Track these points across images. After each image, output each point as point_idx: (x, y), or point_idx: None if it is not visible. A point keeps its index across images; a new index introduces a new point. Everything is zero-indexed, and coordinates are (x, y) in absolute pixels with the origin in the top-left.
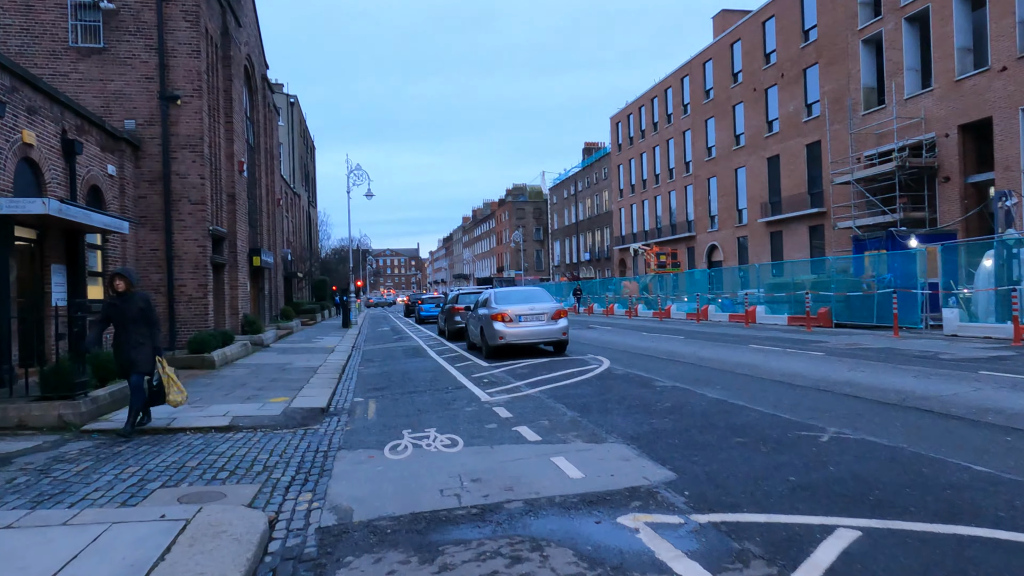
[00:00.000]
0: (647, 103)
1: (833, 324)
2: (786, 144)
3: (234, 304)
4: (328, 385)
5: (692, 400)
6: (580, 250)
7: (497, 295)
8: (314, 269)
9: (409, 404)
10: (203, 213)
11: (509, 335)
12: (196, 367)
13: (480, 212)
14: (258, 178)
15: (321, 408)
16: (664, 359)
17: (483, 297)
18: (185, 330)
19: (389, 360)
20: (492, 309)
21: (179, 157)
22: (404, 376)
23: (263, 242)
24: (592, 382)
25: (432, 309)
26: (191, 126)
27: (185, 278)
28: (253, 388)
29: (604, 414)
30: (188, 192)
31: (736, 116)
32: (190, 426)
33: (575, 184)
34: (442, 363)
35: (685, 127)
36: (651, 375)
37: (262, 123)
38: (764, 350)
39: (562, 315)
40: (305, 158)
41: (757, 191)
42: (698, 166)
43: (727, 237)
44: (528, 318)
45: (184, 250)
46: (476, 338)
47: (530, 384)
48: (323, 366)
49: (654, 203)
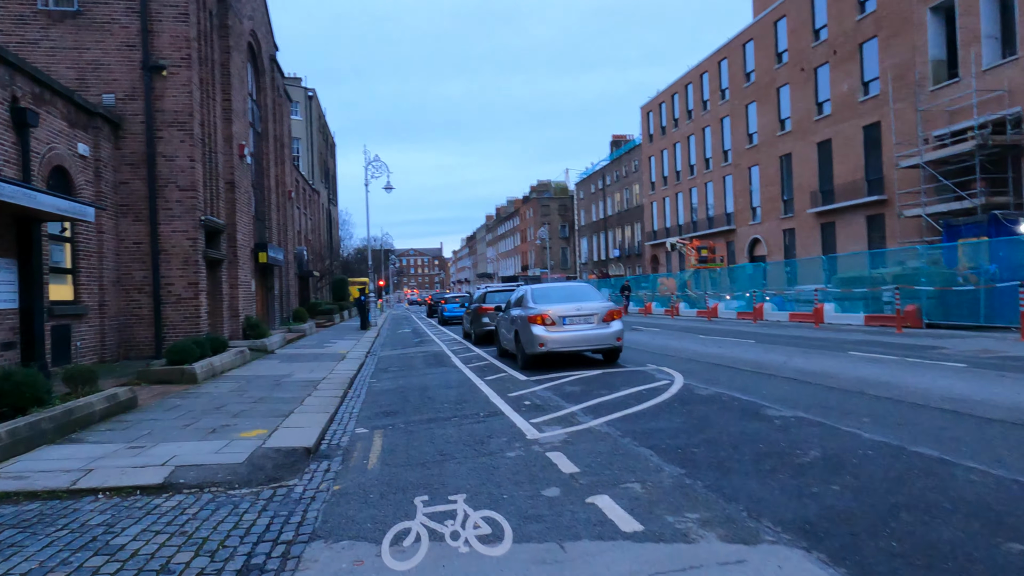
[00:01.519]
0: (680, 90)
1: (924, 324)
2: (839, 127)
3: (234, 305)
4: (326, 408)
5: (848, 446)
6: (609, 246)
7: (535, 293)
8: (334, 268)
9: (427, 441)
10: (193, 201)
11: (551, 341)
12: (174, 381)
13: (504, 210)
14: (266, 168)
15: (306, 448)
16: (750, 372)
17: (517, 295)
18: (174, 335)
19: (407, 370)
20: (529, 310)
21: (165, 136)
22: (423, 393)
23: (272, 237)
24: (675, 409)
25: (456, 309)
26: (179, 101)
27: (173, 275)
28: (228, 414)
29: (723, 471)
30: (176, 176)
31: (781, 99)
32: (105, 485)
33: (603, 178)
34: (469, 375)
35: (723, 113)
36: (751, 397)
37: (271, 108)
38: (875, 359)
39: (615, 316)
40: (324, 154)
41: (806, 179)
42: (738, 155)
43: (771, 230)
44: (574, 320)
45: (172, 243)
46: (509, 343)
47: (589, 411)
48: (327, 379)
49: (689, 196)
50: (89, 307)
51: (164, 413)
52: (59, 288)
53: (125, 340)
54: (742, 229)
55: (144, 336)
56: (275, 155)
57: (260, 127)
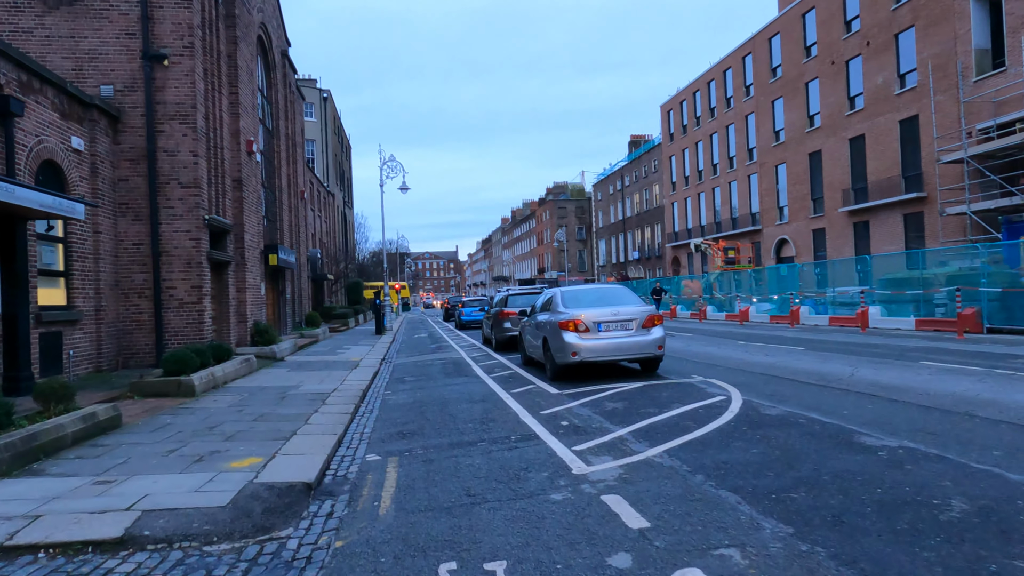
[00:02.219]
0: (702, 87)
1: (984, 328)
2: (873, 122)
3: (241, 309)
4: (333, 428)
5: (997, 493)
6: (628, 248)
7: (565, 296)
8: (350, 272)
9: (451, 475)
10: (197, 199)
11: (585, 350)
12: (170, 394)
13: (520, 212)
14: (277, 167)
15: (306, 484)
16: (816, 385)
17: (545, 299)
18: (176, 342)
19: (424, 380)
20: (560, 314)
21: (166, 130)
22: (443, 409)
23: (283, 239)
24: (745, 434)
25: (475, 313)
26: (181, 92)
27: (175, 278)
28: (221, 436)
29: (847, 532)
30: (178, 172)
31: (810, 94)
32: (50, 540)
33: (621, 179)
34: (493, 387)
35: (748, 110)
36: (834, 420)
37: (282, 105)
38: (955, 369)
39: (656, 321)
40: (340, 156)
41: (837, 177)
42: (764, 153)
43: (800, 230)
44: (610, 326)
45: (174, 244)
46: (536, 352)
47: (640, 435)
48: (337, 391)
49: (712, 196)
50: (84, 312)
51: (149, 435)
52: (50, 292)
53: (124, 348)
54: (768, 229)
55: (144, 343)
56: (287, 154)
57: (271, 124)
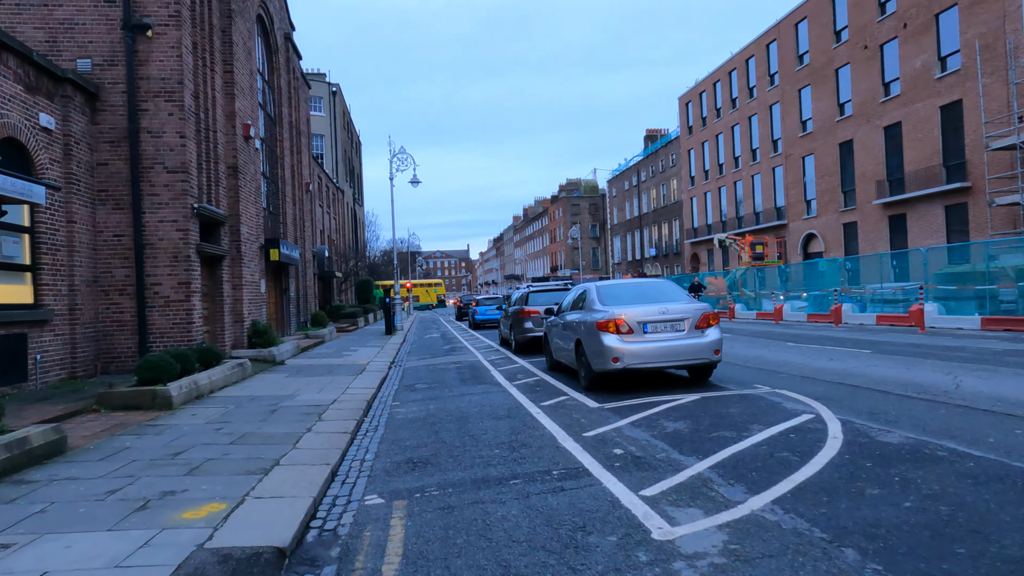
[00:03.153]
0: (723, 78)
1: None
2: (911, 108)
3: (237, 308)
4: (327, 455)
5: None
6: (644, 245)
7: (602, 292)
8: (360, 270)
9: (480, 537)
10: (184, 185)
11: (629, 355)
12: (143, 407)
13: (532, 210)
14: (280, 156)
15: (278, 550)
16: (921, 399)
17: (576, 295)
18: (161, 344)
19: (438, 388)
20: (596, 313)
21: (150, 108)
22: (461, 427)
23: (286, 233)
24: (872, 475)
25: (490, 312)
26: (166, 66)
27: (160, 274)
28: (184, 466)
29: None
30: (163, 156)
31: (840, 81)
32: None
33: (637, 174)
34: (518, 397)
35: (772, 100)
36: (987, 452)
37: (286, 92)
38: None
39: (712, 321)
40: (350, 152)
41: (870, 168)
42: (790, 144)
43: (829, 224)
44: (658, 327)
45: (159, 235)
46: (566, 356)
47: (727, 472)
48: (338, 402)
49: (733, 189)
50: (55, 312)
51: (95, 465)
52: (12, 289)
53: (104, 351)
54: (795, 224)
55: (126, 346)
56: (291, 143)
57: (273, 111)
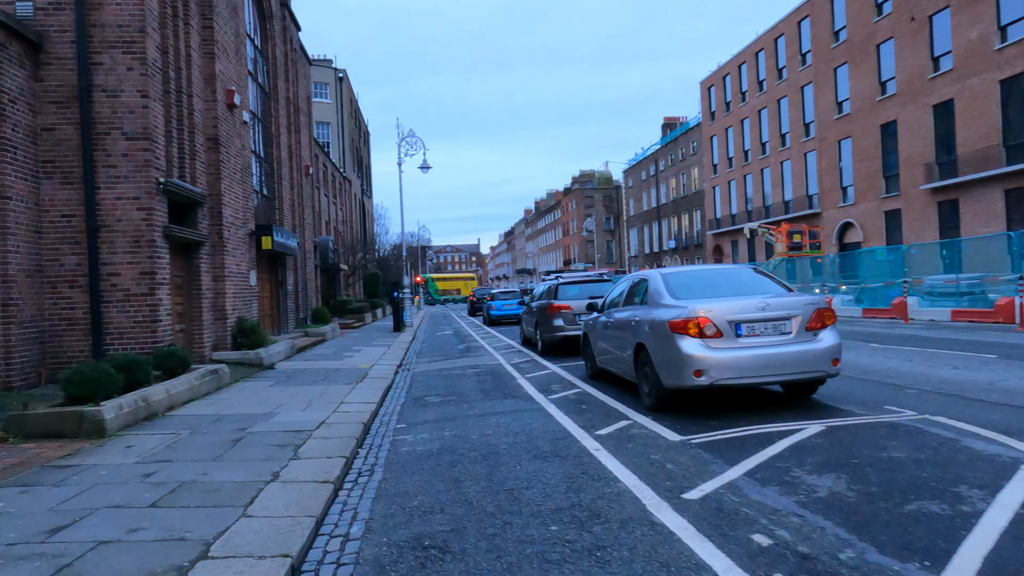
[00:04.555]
0: (749, 59)
1: None
2: (965, 84)
3: (219, 303)
4: (288, 536)
5: None
6: (663, 237)
7: (672, 280)
8: (368, 263)
9: None
10: (148, 155)
11: (718, 367)
12: (67, 433)
13: (544, 203)
14: (275, 134)
15: None
16: None
17: (628, 286)
18: (121, 346)
19: (454, 403)
20: (666, 309)
21: (105, 62)
22: (492, 474)
23: (282, 219)
24: None
25: (507, 307)
26: (124, 11)
27: (119, 262)
28: (47, 566)
29: None
30: (121, 120)
31: (882, 58)
32: None
33: (655, 163)
34: (564, 422)
35: (804, 80)
36: None
37: (281, 63)
38: None
39: (827, 320)
40: (358, 142)
41: (917, 150)
42: (824, 127)
43: (869, 212)
44: (757, 328)
45: (116, 215)
46: (618, 365)
47: None
48: (328, 424)
49: (760, 177)
50: None
51: None
52: None
53: (50, 355)
54: (829, 213)
55: (78, 349)
56: (288, 121)
57: (267, 83)
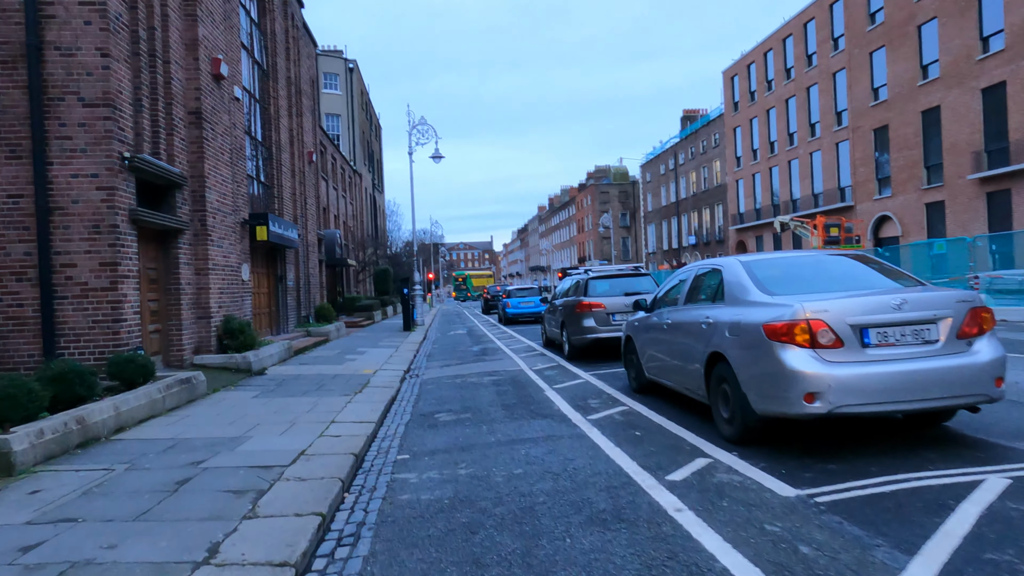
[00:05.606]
0: (776, 46)
1: None
2: (1019, 65)
3: (202, 300)
4: None
5: None
6: (683, 233)
7: (757, 270)
8: (379, 259)
9: None
10: (109, 124)
11: (842, 389)
12: None
13: (558, 199)
14: (274, 116)
15: None
16: None
17: (687, 278)
18: (77, 350)
19: (471, 423)
20: (757, 308)
21: (59, 14)
22: (528, 549)
23: (281, 209)
24: None
25: (525, 305)
26: None
27: (75, 251)
28: None
29: None
30: (78, 82)
31: (923, 39)
32: None
33: (675, 157)
34: (617, 457)
35: (837, 67)
36: None
37: (282, 40)
38: None
39: (985, 324)
40: (368, 135)
41: (963, 137)
42: (858, 115)
43: (908, 204)
44: (892, 335)
45: (71, 196)
46: (679, 378)
47: None
48: (308, 454)
49: (787, 169)
50: None
51: None
52: None
53: None
54: (864, 205)
55: (26, 353)
56: (289, 103)
57: (265, 60)
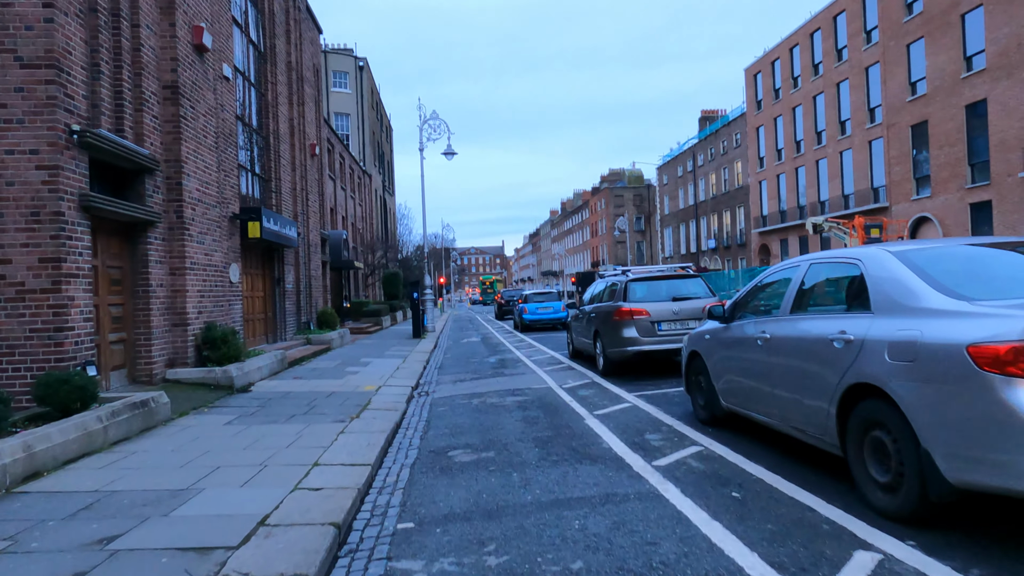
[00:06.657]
0: (802, 40)
1: None
2: None
3: (177, 304)
4: None
5: None
6: (702, 236)
7: (927, 265)
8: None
9: None
10: (53, 88)
11: None
12: None
13: (571, 203)
14: (271, 103)
15: None
16: None
17: (790, 277)
18: (9, 364)
19: (496, 472)
20: (944, 321)
21: None
22: None
23: (280, 205)
24: None
25: (547, 311)
26: None
27: (7, 243)
28: None
29: None
30: (14, 39)
31: (967, 28)
32: None
33: (693, 158)
34: (732, 551)
35: (870, 61)
36: None
37: (281, 20)
38: None
39: None
40: (379, 136)
41: (1012, 132)
42: (893, 111)
43: (949, 204)
44: None
45: (6, 176)
46: (773, 411)
47: None
48: (270, 523)
49: (815, 170)
50: None
51: None
52: None
53: None
54: (900, 206)
55: None
56: (290, 90)
57: (262, 42)
